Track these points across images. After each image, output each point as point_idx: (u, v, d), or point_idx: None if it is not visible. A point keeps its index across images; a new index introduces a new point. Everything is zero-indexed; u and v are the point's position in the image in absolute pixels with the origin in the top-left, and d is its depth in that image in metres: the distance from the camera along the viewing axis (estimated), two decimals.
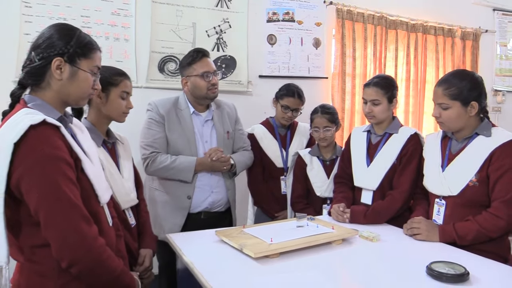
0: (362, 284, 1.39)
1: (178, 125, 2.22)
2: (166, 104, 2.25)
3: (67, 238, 1.13)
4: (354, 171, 2.20)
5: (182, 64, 2.29)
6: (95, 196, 1.28)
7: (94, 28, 2.82)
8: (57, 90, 1.24)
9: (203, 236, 1.81)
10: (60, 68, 1.22)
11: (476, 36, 4.29)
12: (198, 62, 2.22)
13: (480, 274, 1.37)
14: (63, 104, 1.28)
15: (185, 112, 2.26)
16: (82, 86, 1.27)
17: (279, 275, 1.40)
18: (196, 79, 2.21)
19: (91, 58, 1.28)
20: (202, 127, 2.29)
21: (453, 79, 1.77)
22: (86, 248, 1.16)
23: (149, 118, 2.23)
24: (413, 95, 4.01)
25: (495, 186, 1.67)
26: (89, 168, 1.26)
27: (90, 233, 1.17)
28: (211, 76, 2.22)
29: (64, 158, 1.16)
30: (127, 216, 1.78)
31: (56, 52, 1.22)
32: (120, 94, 1.74)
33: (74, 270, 1.16)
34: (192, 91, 2.25)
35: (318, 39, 3.62)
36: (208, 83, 2.20)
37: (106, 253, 1.21)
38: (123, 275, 1.28)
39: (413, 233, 1.79)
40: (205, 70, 2.21)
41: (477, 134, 1.78)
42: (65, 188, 1.13)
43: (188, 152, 2.20)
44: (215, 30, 3.21)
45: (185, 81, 2.26)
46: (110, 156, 1.76)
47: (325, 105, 2.47)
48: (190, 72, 2.23)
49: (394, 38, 3.88)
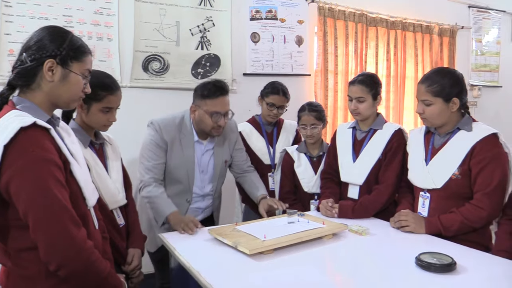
0: (355, 277, 1.43)
1: (179, 153, 2.14)
2: (171, 128, 2.14)
3: (56, 240, 1.13)
4: (341, 167, 2.25)
5: (196, 90, 2.15)
6: (83, 199, 1.28)
7: (77, 27, 2.78)
8: (47, 92, 1.24)
9: (195, 234, 1.83)
10: (52, 70, 1.22)
11: (452, 33, 4.41)
12: (213, 99, 2.08)
13: (466, 263, 1.43)
14: (52, 106, 1.28)
15: (188, 139, 2.17)
16: (73, 88, 1.27)
17: (274, 270, 1.43)
18: (205, 115, 2.08)
19: (83, 61, 1.28)
20: (202, 156, 2.22)
21: (435, 76, 1.83)
22: (75, 250, 1.15)
23: (152, 139, 2.12)
24: (393, 91, 4.10)
25: (477, 178, 1.74)
26: (77, 171, 1.26)
27: (79, 235, 1.17)
28: (220, 118, 2.09)
29: (54, 160, 1.15)
30: (115, 216, 1.78)
31: (49, 54, 1.21)
32: (101, 109, 1.70)
33: (62, 272, 1.16)
34: (197, 122, 2.15)
35: (300, 37, 3.66)
36: (215, 123, 2.09)
37: (94, 255, 1.21)
38: (111, 277, 1.29)
39: (401, 225, 1.84)
40: (216, 111, 2.07)
41: (458, 129, 1.84)
42: (55, 191, 1.13)
43: (185, 180, 2.16)
44: (199, 29, 3.21)
45: (193, 108, 2.14)
46: (98, 157, 1.76)
47: (312, 103, 2.51)
48: (201, 105, 2.09)
49: (374, 35, 3.96)
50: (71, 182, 1.22)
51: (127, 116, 2.84)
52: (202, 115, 2.09)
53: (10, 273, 1.22)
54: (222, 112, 2.10)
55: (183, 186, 2.18)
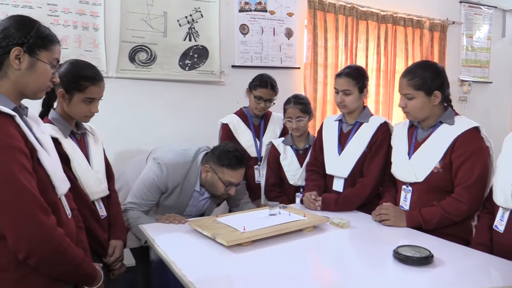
0: (332, 269, 1.43)
1: (176, 197, 2.10)
2: (178, 174, 2.06)
3: (24, 227, 1.12)
4: (326, 159, 2.24)
5: (215, 154, 2.06)
6: (52, 187, 1.26)
7: (62, 16, 2.74)
8: (14, 80, 1.22)
9: (176, 227, 1.82)
10: (19, 58, 1.21)
11: (443, 28, 4.40)
12: (231, 170, 2.02)
13: (443, 256, 1.43)
14: (19, 95, 1.26)
15: (189, 187, 2.11)
16: (40, 77, 1.26)
17: (251, 262, 1.43)
18: (219, 182, 2.03)
19: (50, 50, 1.27)
20: (198, 201, 2.20)
21: (416, 70, 1.83)
22: (44, 237, 1.14)
23: (154, 179, 2.04)
24: (383, 85, 4.10)
25: (458, 172, 1.74)
26: (45, 159, 1.24)
27: (48, 222, 1.16)
28: (233, 188, 2.07)
29: (20, 147, 1.14)
30: (96, 207, 1.76)
31: (15, 42, 1.20)
32: (83, 100, 1.68)
33: (32, 261, 1.15)
34: (208, 184, 2.09)
35: (290, 29, 3.64)
36: (226, 192, 2.06)
37: (65, 242, 1.20)
38: (84, 264, 1.28)
39: (381, 219, 1.84)
40: (232, 181, 2.04)
41: (441, 122, 1.84)
42: (21, 177, 1.11)
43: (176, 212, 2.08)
44: (187, 20, 3.17)
45: (207, 169, 2.06)
46: (79, 147, 1.74)
47: (298, 96, 2.50)
48: (217, 171, 2.03)
49: (364, 29, 3.95)
50: (39, 170, 1.21)
51: (113, 107, 2.82)
52: (216, 180, 2.04)
53: None
54: (236, 183, 2.07)
55: None
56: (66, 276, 1.27)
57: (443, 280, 1.29)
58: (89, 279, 1.34)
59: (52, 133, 1.62)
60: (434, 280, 1.29)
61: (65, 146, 1.66)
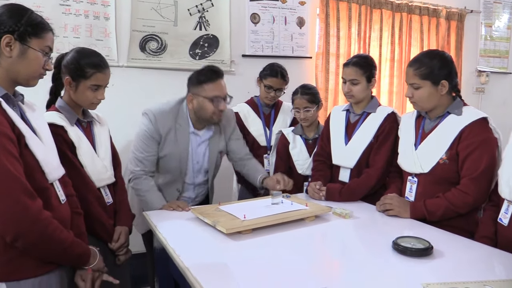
0: (330, 259, 1.43)
1: (174, 144, 2.10)
2: (166, 118, 2.09)
3: (9, 211, 1.14)
4: (333, 150, 2.23)
5: (192, 79, 2.09)
6: (41, 173, 1.28)
7: (73, 6, 2.77)
8: (6, 68, 1.24)
9: (179, 213, 1.84)
10: (10, 45, 1.23)
11: (461, 17, 4.29)
12: (211, 83, 2.03)
13: (443, 248, 1.41)
14: (12, 82, 1.28)
15: (184, 129, 2.11)
16: (32, 65, 1.27)
17: (250, 250, 1.43)
18: (205, 101, 2.03)
19: (42, 38, 1.28)
20: (197, 147, 2.18)
21: (423, 58, 1.79)
22: (30, 220, 1.17)
23: (146, 130, 2.07)
24: (397, 75, 4.03)
25: (464, 163, 1.71)
26: (34, 145, 1.26)
27: (33, 206, 1.18)
28: (221, 102, 2.05)
29: (5, 132, 1.16)
30: (102, 194, 1.79)
31: (6, 29, 1.22)
32: (89, 87, 1.70)
33: (20, 244, 1.17)
34: (197, 111, 2.08)
35: (302, 18, 3.60)
36: (216, 108, 2.04)
37: (52, 225, 1.22)
38: (74, 245, 1.30)
39: (385, 208, 1.83)
40: (216, 95, 2.03)
41: (448, 112, 1.80)
42: (5, 162, 1.13)
43: (177, 170, 2.13)
44: (197, 9, 3.17)
45: (191, 98, 2.07)
46: (85, 135, 1.76)
47: (306, 86, 2.48)
48: (199, 92, 2.04)
49: (378, 18, 3.88)
50: (26, 155, 1.23)
51: (123, 96, 2.85)
52: (201, 102, 2.04)
53: None
54: (222, 95, 2.05)
55: (175, 176, 2.15)
56: (56, 258, 1.30)
57: (441, 272, 1.27)
58: (82, 259, 1.37)
59: (58, 121, 1.66)
60: (431, 271, 1.27)
61: (71, 134, 1.69)
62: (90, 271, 1.39)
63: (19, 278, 1.23)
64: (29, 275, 1.24)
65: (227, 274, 1.26)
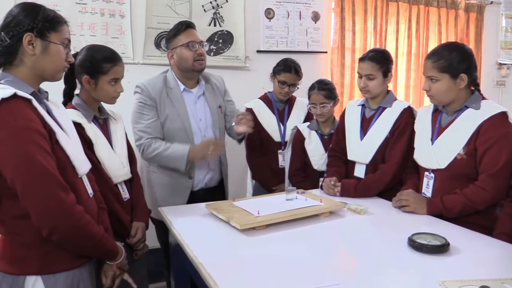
0: (345, 255, 1.42)
1: (170, 106, 2.15)
2: (156, 85, 2.17)
3: (45, 205, 1.17)
4: (348, 145, 2.21)
5: (167, 37, 2.24)
6: (72, 168, 1.31)
7: (89, 4, 2.80)
8: (31, 66, 1.26)
9: (194, 209, 1.85)
10: (32, 43, 1.24)
11: (480, 8, 4.19)
12: (183, 33, 2.15)
13: (461, 245, 1.39)
14: (38, 79, 1.30)
15: (175, 91, 2.19)
16: (55, 59, 1.29)
17: (264, 246, 1.43)
18: (182, 49, 2.13)
19: (60, 31, 1.30)
20: (195, 104, 2.24)
21: (442, 51, 1.76)
22: (64, 214, 1.19)
23: (140, 101, 2.14)
24: (414, 69, 3.96)
25: (482, 159, 1.67)
26: (64, 141, 1.29)
27: (67, 199, 1.21)
28: (196, 46, 2.14)
29: (37, 129, 1.18)
30: (119, 190, 1.82)
31: (25, 28, 1.24)
32: (109, 81, 1.73)
33: (55, 237, 1.20)
34: (178, 64, 2.17)
35: (317, 13, 3.57)
36: (194, 53, 2.13)
37: (85, 219, 1.25)
38: (104, 240, 1.34)
39: (402, 204, 1.80)
40: (190, 40, 2.13)
41: (466, 107, 1.77)
42: (39, 158, 1.16)
43: (183, 133, 2.16)
44: (212, 5, 3.17)
45: (171, 54, 2.19)
46: (102, 131, 1.79)
47: (322, 81, 2.47)
48: (175, 44, 2.16)
49: (395, 11, 3.81)
50: (57, 150, 1.26)
51: None
52: (179, 52, 2.15)
53: (6, 240, 1.27)
54: (196, 40, 2.16)
55: (183, 140, 2.16)
56: (88, 252, 1.34)
57: (458, 269, 1.25)
58: (110, 254, 1.40)
59: (76, 118, 1.68)
60: (448, 268, 1.25)
61: (88, 131, 1.71)
62: (115, 267, 1.42)
63: (54, 271, 1.26)
64: (63, 268, 1.28)
65: (241, 270, 1.27)
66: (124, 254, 1.47)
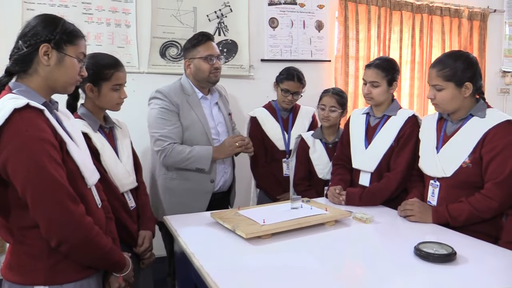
0: (351, 264, 1.42)
1: (191, 112, 2.22)
2: (176, 91, 2.23)
3: (55, 216, 1.17)
4: (353, 153, 2.21)
5: (186, 46, 2.29)
6: (81, 178, 1.32)
7: (96, 14, 2.83)
8: (44, 76, 1.27)
9: (199, 218, 1.85)
10: (48, 54, 1.26)
11: (484, 16, 4.20)
12: (202, 45, 2.22)
13: (467, 254, 1.38)
14: (50, 90, 1.32)
15: (193, 98, 2.26)
16: (69, 72, 1.31)
17: (269, 255, 1.43)
18: (200, 61, 2.21)
19: (77, 45, 1.32)
20: (212, 110, 2.33)
21: (447, 60, 1.76)
22: (74, 225, 1.20)
23: (162, 107, 2.18)
24: (418, 78, 3.97)
25: (488, 167, 1.67)
26: (74, 151, 1.30)
27: (77, 211, 1.21)
28: (214, 59, 2.22)
29: (49, 139, 1.19)
30: (126, 199, 1.82)
31: (43, 39, 1.25)
32: (112, 88, 1.75)
33: (64, 248, 1.21)
34: (195, 74, 2.25)
35: (320, 22, 3.59)
36: (211, 66, 2.21)
37: (94, 230, 1.26)
38: (112, 252, 1.34)
39: (407, 214, 1.80)
40: (209, 53, 2.21)
41: (471, 115, 1.77)
42: (50, 169, 1.16)
43: (204, 138, 2.22)
44: (216, 14, 3.20)
45: (188, 63, 2.26)
46: (108, 140, 1.80)
47: (338, 88, 2.57)
48: (194, 55, 2.23)
49: (398, 20, 3.83)
50: (68, 161, 1.26)
51: (144, 102, 2.88)
52: (197, 63, 2.22)
53: (14, 250, 1.28)
54: (215, 54, 2.23)
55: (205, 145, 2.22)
56: (96, 263, 1.34)
57: (465, 279, 1.24)
58: (118, 266, 1.40)
59: (82, 128, 1.69)
60: (454, 278, 1.25)
61: (95, 140, 1.72)
62: (121, 279, 1.42)
63: (61, 282, 1.26)
64: (71, 279, 1.28)
65: (247, 279, 1.26)
66: (131, 267, 1.47)
